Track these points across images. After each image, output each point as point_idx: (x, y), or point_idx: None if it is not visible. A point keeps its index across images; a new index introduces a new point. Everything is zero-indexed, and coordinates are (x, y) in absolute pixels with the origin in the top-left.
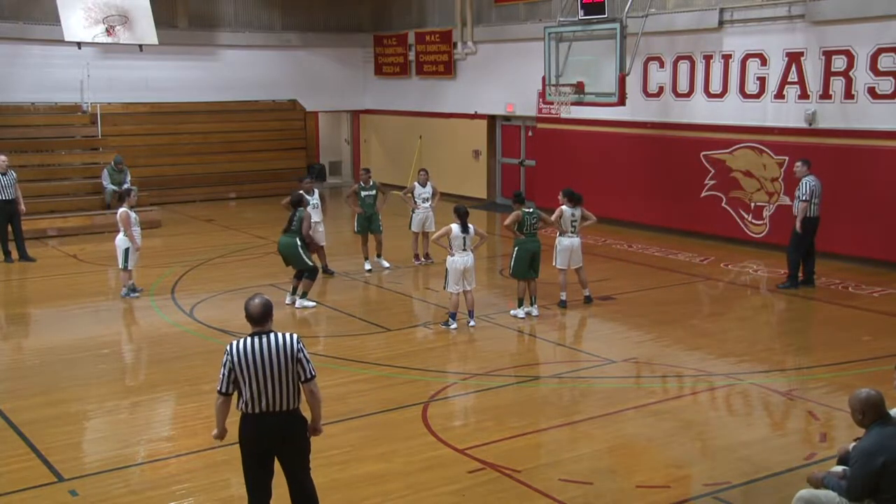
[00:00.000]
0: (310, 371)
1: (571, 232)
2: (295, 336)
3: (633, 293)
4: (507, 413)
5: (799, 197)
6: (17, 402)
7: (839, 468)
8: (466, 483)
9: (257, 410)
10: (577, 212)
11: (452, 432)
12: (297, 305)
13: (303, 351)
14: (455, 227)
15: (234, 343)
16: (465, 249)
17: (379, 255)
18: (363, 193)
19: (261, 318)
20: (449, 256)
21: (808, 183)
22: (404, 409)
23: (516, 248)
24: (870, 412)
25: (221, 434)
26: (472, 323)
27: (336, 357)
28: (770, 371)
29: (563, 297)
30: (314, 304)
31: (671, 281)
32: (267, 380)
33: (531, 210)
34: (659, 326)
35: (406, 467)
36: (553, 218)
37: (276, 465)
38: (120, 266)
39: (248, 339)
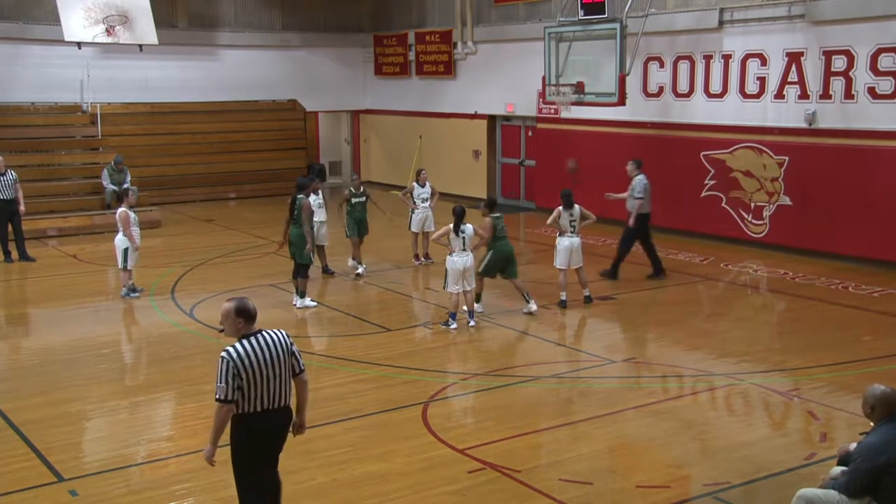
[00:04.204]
0: (302, 363)
1: (571, 232)
2: (284, 331)
3: (633, 293)
4: (507, 413)
5: (632, 195)
6: (17, 402)
7: (839, 469)
8: (466, 483)
9: (259, 409)
10: (576, 212)
11: (452, 432)
12: (298, 305)
13: (294, 344)
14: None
15: (233, 349)
16: (464, 249)
17: (360, 261)
18: (353, 200)
19: (255, 317)
20: (448, 256)
21: (640, 181)
22: (404, 409)
23: (491, 252)
24: (880, 408)
25: (214, 451)
26: (472, 323)
27: (336, 357)
28: (770, 371)
29: (563, 297)
30: (315, 304)
31: (671, 281)
32: (269, 377)
33: (498, 215)
34: (659, 326)
35: (406, 467)
36: (550, 220)
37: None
38: (119, 266)
39: (246, 342)
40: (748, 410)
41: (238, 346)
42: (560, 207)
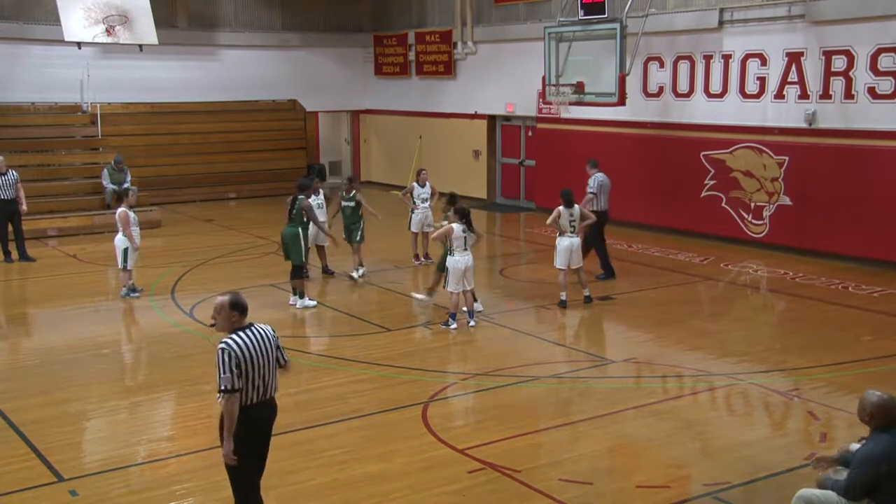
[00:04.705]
0: (286, 355)
1: (571, 232)
2: (270, 326)
3: (633, 293)
4: (507, 413)
5: (588, 192)
6: (17, 402)
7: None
8: (466, 483)
9: (255, 401)
10: (575, 212)
11: (452, 432)
12: (298, 306)
13: (278, 338)
14: (457, 227)
15: (231, 341)
16: (465, 249)
17: (358, 266)
18: (343, 203)
19: (247, 311)
20: (450, 256)
21: (596, 179)
22: (404, 409)
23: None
24: (879, 416)
25: (233, 445)
26: (472, 323)
27: (336, 357)
28: (770, 371)
29: (563, 297)
30: (314, 303)
31: (671, 281)
32: (263, 368)
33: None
34: (659, 326)
35: (406, 467)
36: (550, 220)
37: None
38: (119, 266)
39: (242, 334)
40: (748, 410)
41: (235, 337)
42: (560, 207)
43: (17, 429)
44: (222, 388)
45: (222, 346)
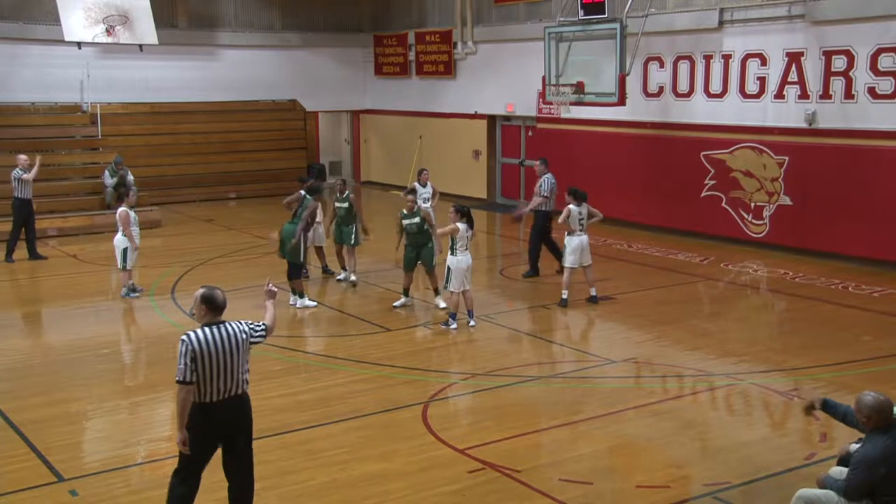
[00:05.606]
0: (261, 332)
1: (580, 230)
2: (247, 322)
3: (633, 293)
4: (507, 413)
5: (539, 193)
6: (17, 402)
7: (838, 468)
8: (466, 483)
9: (214, 399)
10: (584, 209)
11: (452, 432)
12: (298, 305)
13: (254, 330)
14: (462, 226)
15: (192, 333)
16: (466, 248)
17: (344, 268)
18: (336, 205)
19: (223, 309)
20: (452, 257)
21: (548, 180)
22: (404, 409)
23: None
24: (876, 418)
25: (185, 434)
26: (472, 323)
27: (336, 357)
28: (770, 371)
29: (565, 296)
30: (315, 303)
31: (671, 281)
32: (225, 367)
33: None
34: (659, 326)
35: (406, 467)
36: (561, 219)
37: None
38: (119, 266)
39: (207, 329)
40: (748, 410)
41: (199, 331)
42: (570, 205)
43: (17, 429)
44: (176, 378)
45: (183, 337)
